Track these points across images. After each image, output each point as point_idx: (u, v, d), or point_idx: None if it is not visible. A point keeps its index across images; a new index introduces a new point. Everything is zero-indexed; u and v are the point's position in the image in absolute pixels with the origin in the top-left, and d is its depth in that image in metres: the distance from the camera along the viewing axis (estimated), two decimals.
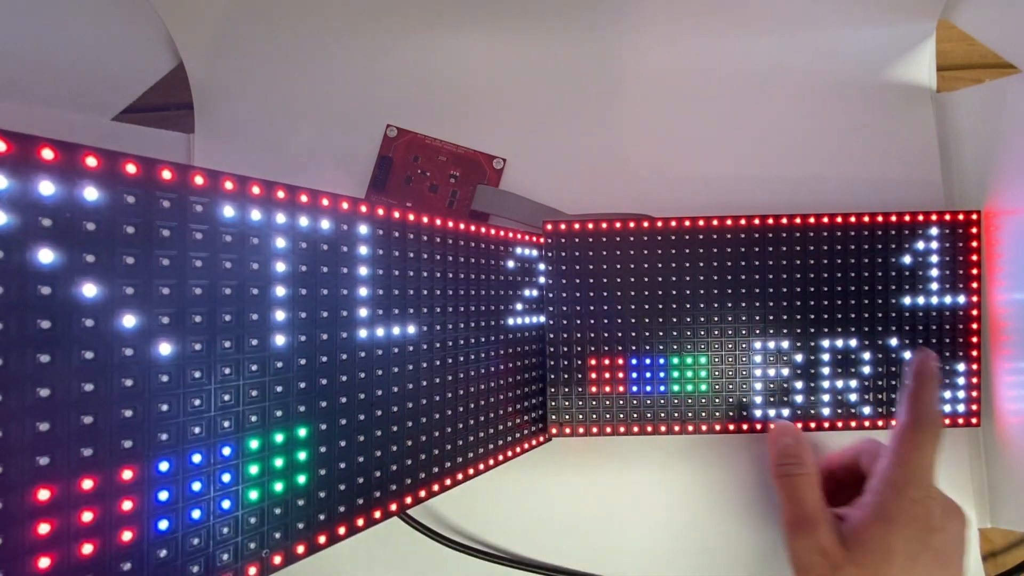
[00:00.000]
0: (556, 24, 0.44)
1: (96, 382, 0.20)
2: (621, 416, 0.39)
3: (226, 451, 0.24)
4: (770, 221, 0.39)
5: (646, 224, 0.39)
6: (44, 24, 0.35)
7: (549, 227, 0.39)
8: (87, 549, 0.20)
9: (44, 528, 0.19)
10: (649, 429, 0.39)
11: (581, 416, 0.39)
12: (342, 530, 0.29)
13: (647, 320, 0.39)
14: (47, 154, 0.19)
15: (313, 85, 0.44)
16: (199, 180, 0.23)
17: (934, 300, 0.39)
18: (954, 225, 0.39)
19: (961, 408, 0.39)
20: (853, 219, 0.39)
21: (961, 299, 0.39)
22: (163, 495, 0.22)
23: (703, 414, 0.39)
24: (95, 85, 0.39)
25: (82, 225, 0.20)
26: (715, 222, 0.39)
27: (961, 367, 0.39)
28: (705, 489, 0.42)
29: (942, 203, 0.43)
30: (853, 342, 0.39)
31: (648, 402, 0.39)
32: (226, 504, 0.24)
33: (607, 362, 0.39)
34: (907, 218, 0.39)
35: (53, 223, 0.20)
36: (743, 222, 0.39)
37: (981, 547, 0.42)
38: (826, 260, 0.39)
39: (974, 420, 0.39)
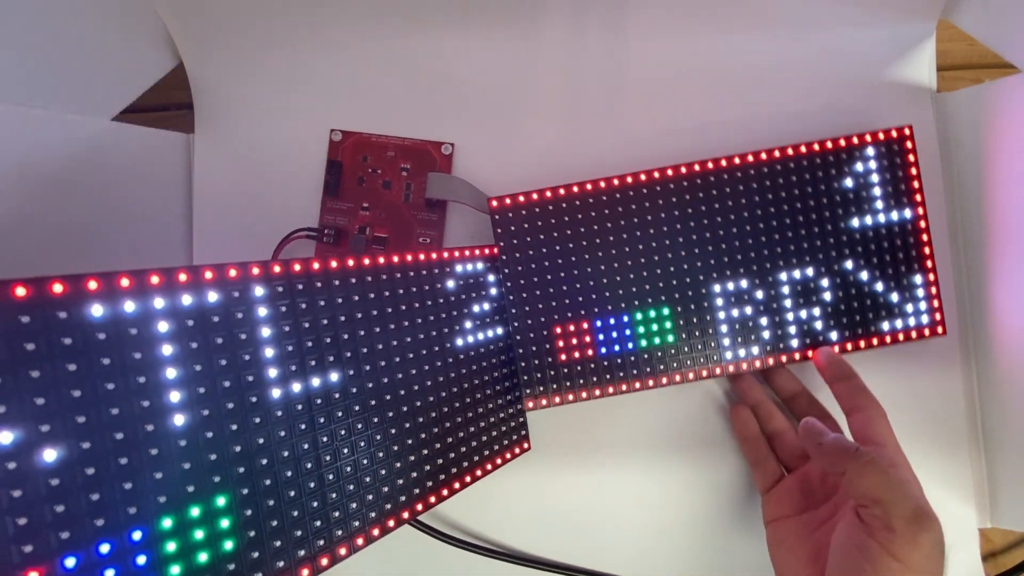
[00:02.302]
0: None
1: None
2: (594, 379, 0.39)
3: (136, 535, 0.24)
4: (710, 165, 0.39)
5: (589, 186, 0.39)
6: (44, 24, 0.35)
7: (495, 203, 0.39)
8: None
9: None
10: (624, 388, 0.39)
11: (555, 385, 0.39)
12: None
13: (605, 280, 0.39)
14: None
15: (311, 84, 0.44)
16: (58, 288, 0.23)
17: (881, 218, 0.40)
18: (888, 143, 0.40)
19: (925, 319, 0.39)
20: (791, 151, 0.39)
21: (908, 213, 0.40)
22: None
23: (674, 364, 0.39)
24: (95, 85, 0.39)
25: None
26: (656, 174, 0.39)
27: (918, 279, 0.39)
28: (704, 488, 0.42)
29: (942, 203, 0.43)
30: (810, 271, 0.39)
31: (619, 361, 0.39)
32: None
33: (572, 328, 0.39)
34: (842, 142, 0.39)
35: None
36: (683, 170, 0.39)
37: (981, 547, 0.41)
38: (771, 195, 0.39)
39: (940, 329, 0.39)
